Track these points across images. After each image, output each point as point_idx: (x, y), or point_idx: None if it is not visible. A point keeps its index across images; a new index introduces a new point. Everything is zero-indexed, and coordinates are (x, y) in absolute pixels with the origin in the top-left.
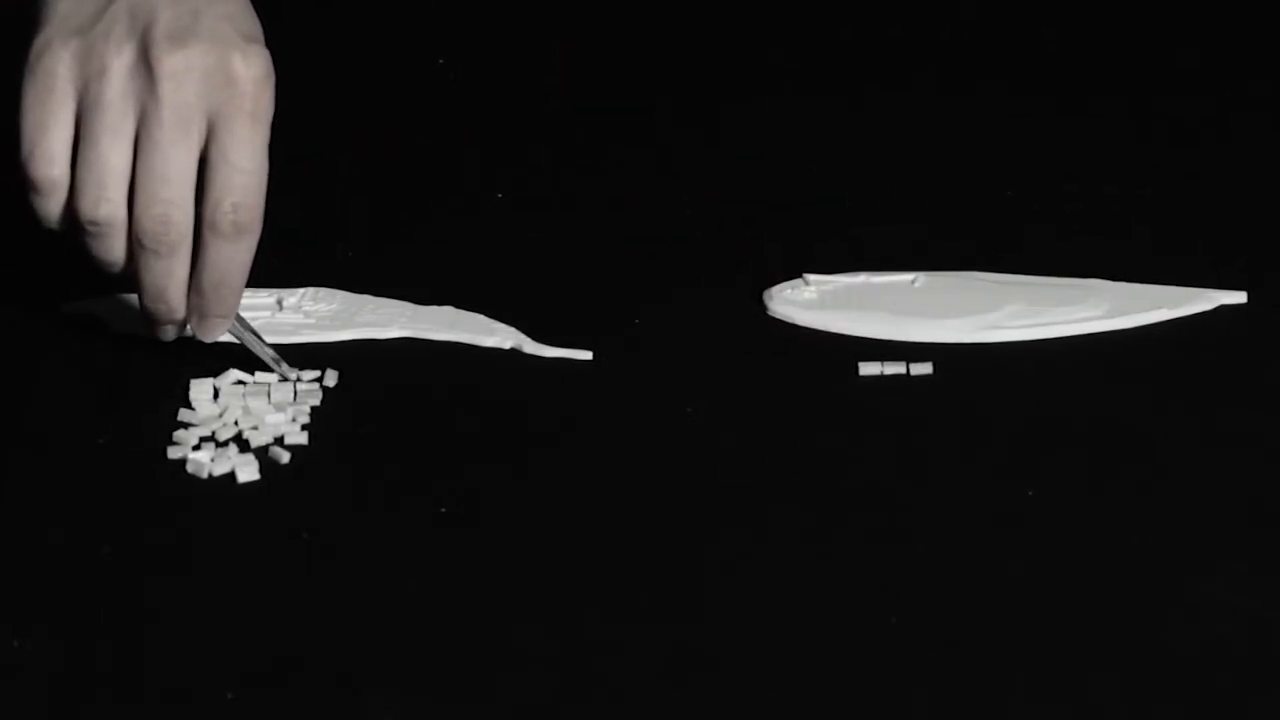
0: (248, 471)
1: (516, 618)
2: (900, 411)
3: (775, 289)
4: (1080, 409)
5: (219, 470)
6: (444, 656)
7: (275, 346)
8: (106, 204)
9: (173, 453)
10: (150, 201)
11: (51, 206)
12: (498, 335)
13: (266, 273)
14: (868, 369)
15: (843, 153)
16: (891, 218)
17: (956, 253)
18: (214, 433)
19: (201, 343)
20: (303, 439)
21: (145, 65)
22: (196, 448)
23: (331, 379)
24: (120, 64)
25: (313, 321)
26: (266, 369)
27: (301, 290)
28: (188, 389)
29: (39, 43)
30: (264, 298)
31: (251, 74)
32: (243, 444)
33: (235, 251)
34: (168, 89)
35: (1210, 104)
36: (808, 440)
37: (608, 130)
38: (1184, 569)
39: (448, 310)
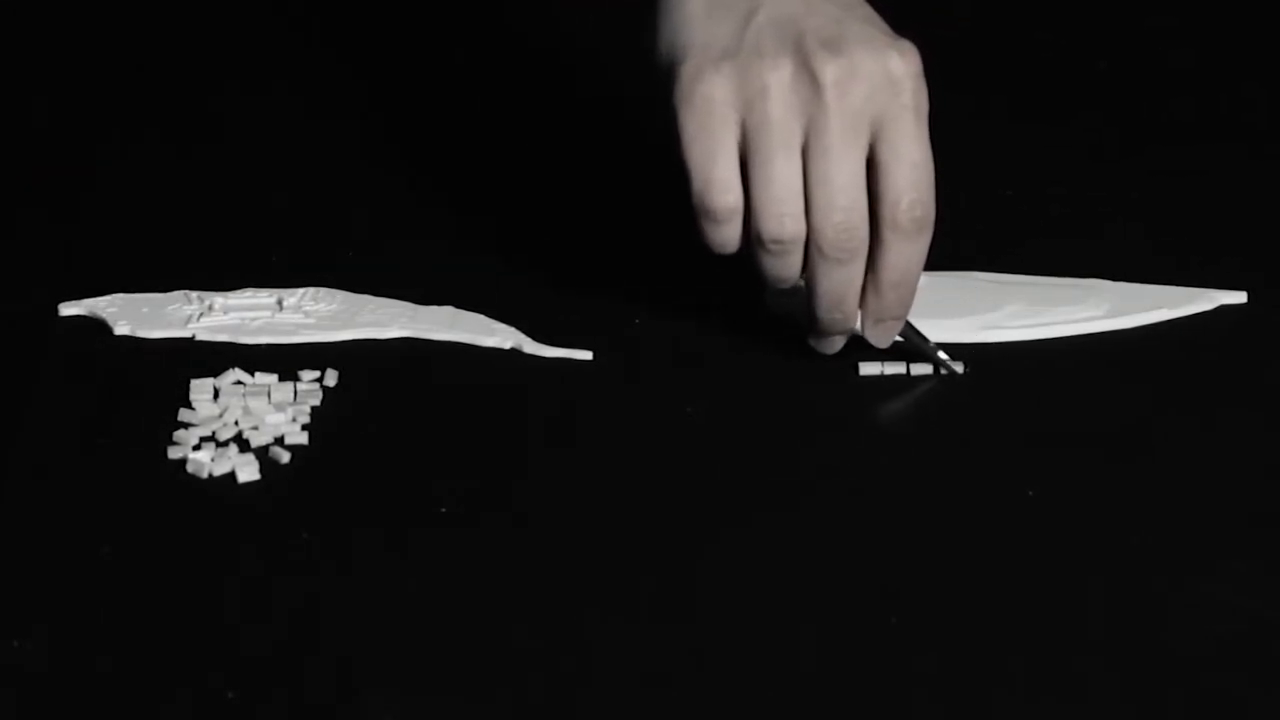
0: (248, 471)
1: (516, 618)
2: (900, 411)
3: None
4: (1080, 409)
5: (219, 470)
6: (444, 656)
7: (276, 346)
8: (790, 220)
9: (173, 453)
10: (830, 211)
11: (730, 233)
12: (498, 335)
13: (267, 273)
14: (868, 369)
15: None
16: None
17: (956, 253)
18: (214, 433)
19: (201, 342)
20: (303, 439)
21: (807, 76)
22: (196, 448)
23: (331, 379)
24: (780, 79)
25: (313, 321)
26: (286, 374)
27: (301, 290)
28: (188, 389)
29: (688, 72)
30: (264, 298)
31: (910, 70)
32: (243, 444)
33: (915, 249)
34: (833, 97)
35: (1210, 104)
36: (808, 440)
37: (608, 130)
38: (1184, 569)
39: (448, 310)
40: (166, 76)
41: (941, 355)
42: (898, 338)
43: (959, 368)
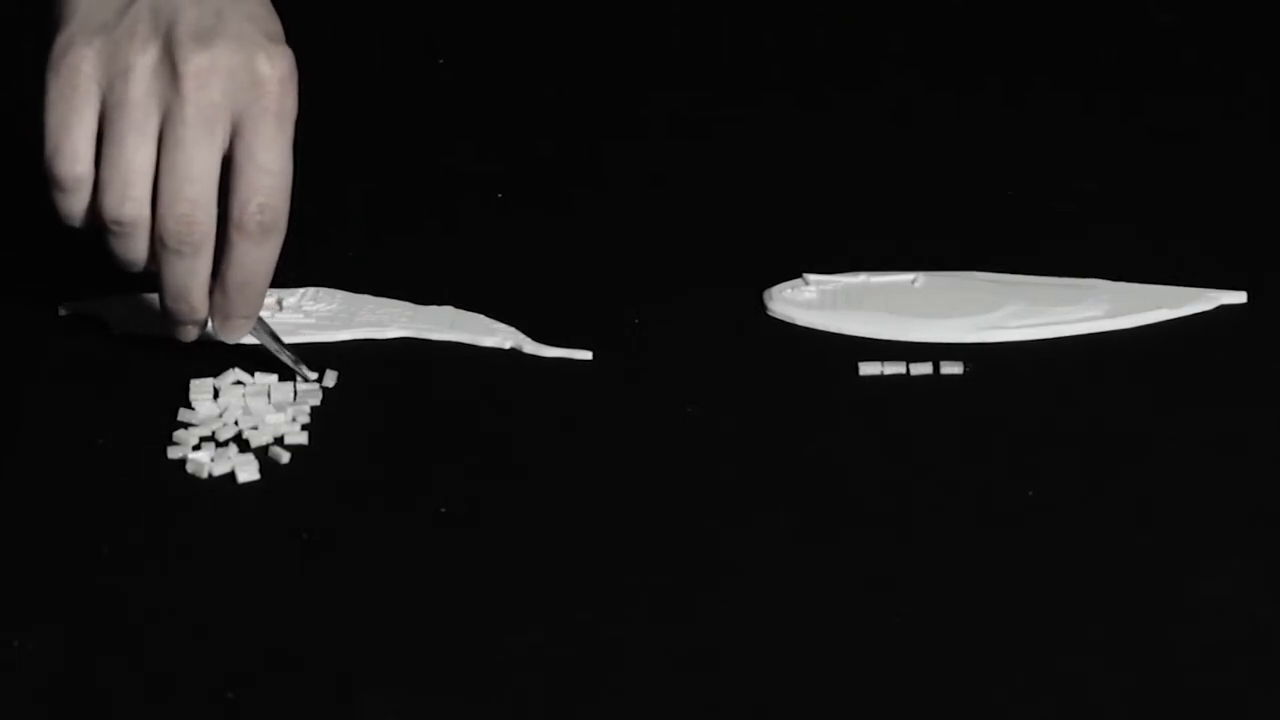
0: (248, 471)
1: (516, 618)
2: (900, 411)
3: (775, 289)
4: (1081, 409)
5: (219, 470)
6: (444, 656)
7: (290, 347)
8: (131, 203)
9: (173, 453)
10: (174, 201)
11: (75, 205)
12: (498, 335)
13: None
14: (868, 369)
15: (843, 152)
16: (892, 217)
17: (956, 253)
18: (214, 433)
19: (203, 343)
20: (303, 439)
21: (170, 64)
22: (196, 448)
23: (331, 379)
24: (145, 63)
25: (313, 321)
26: (286, 372)
27: (301, 290)
28: (188, 389)
29: (61, 41)
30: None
31: (277, 74)
32: (243, 444)
33: (261, 252)
34: (192, 88)
35: (1210, 103)
36: (808, 440)
37: (608, 130)
38: (1184, 569)
39: (448, 310)
40: None
41: (292, 356)
42: (252, 339)
43: (312, 376)
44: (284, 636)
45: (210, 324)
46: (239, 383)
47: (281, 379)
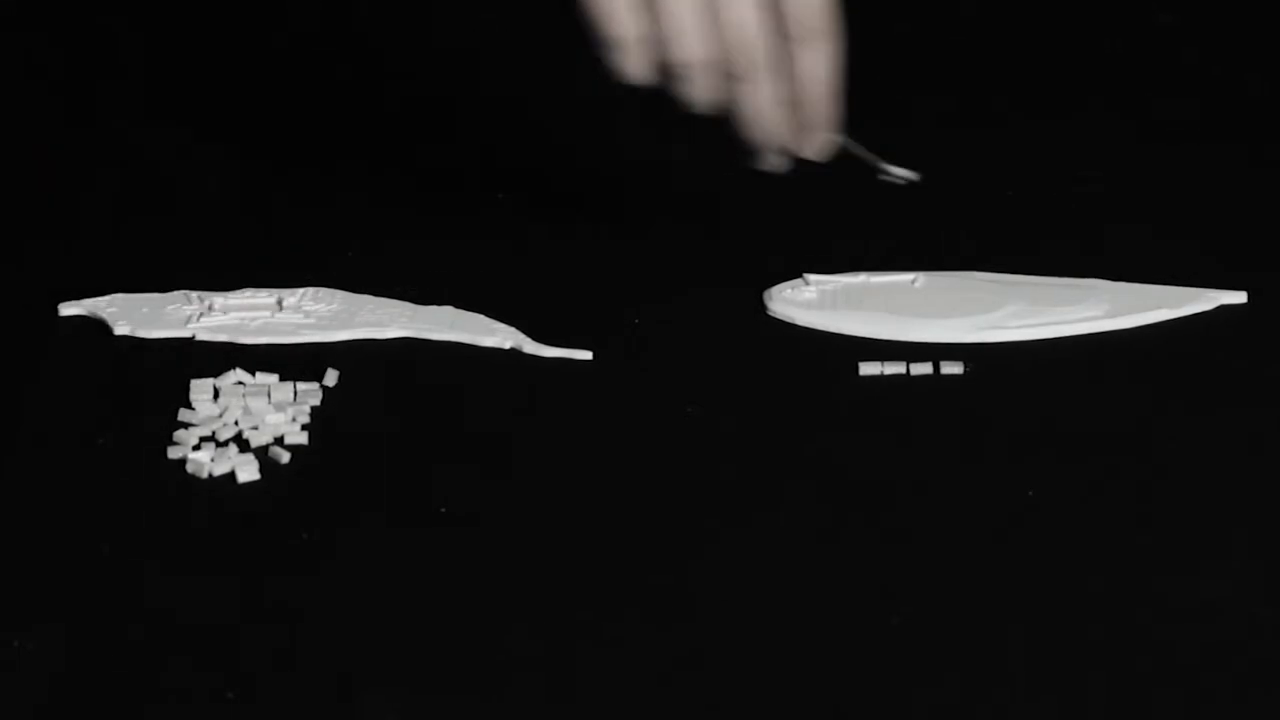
0: (248, 471)
1: (516, 618)
2: (900, 411)
3: (775, 289)
4: (1080, 409)
5: (219, 470)
6: (444, 656)
7: (276, 346)
8: (687, 45)
9: (173, 453)
10: (727, 29)
11: (634, 61)
12: (498, 335)
13: (267, 273)
14: (868, 369)
15: (843, 152)
16: (892, 217)
17: (956, 253)
18: (214, 433)
19: (201, 342)
20: (303, 439)
21: None
22: (196, 448)
23: (331, 379)
24: None
25: (313, 321)
26: (287, 372)
27: (301, 290)
28: (188, 389)
29: None
30: (264, 298)
31: None
32: (243, 444)
33: (820, 56)
34: None
35: (1210, 103)
36: (808, 440)
37: (608, 130)
38: (1184, 569)
39: (448, 310)
40: (167, 76)
41: (889, 167)
42: (844, 150)
43: (909, 175)
44: (284, 636)
45: (796, 143)
46: (239, 383)
47: (282, 378)
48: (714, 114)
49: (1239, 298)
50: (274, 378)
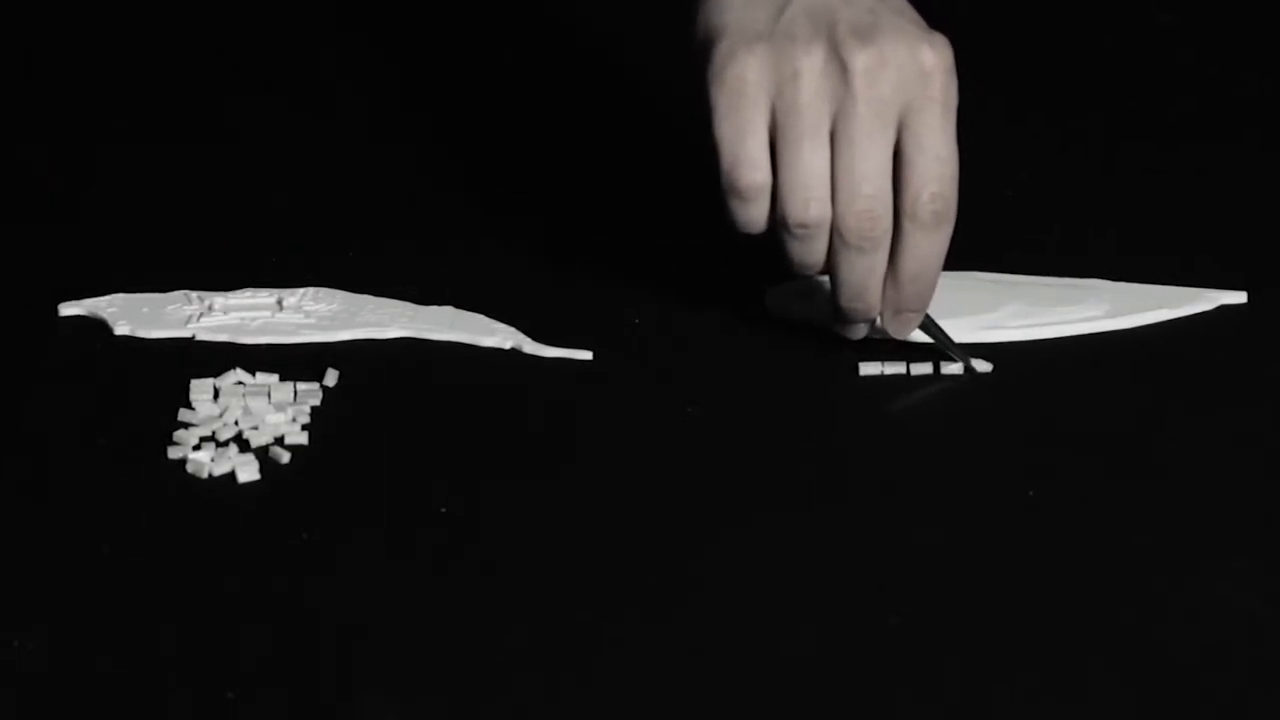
0: (248, 471)
1: (516, 618)
2: (900, 411)
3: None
4: (1080, 409)
5: (219, 470)
6: (444, 656)
7: (277, 346)
8: (816, 204)
9: (173, 453)
10: (853, 198)
11: (756, 212)
12: (498, 335)
13: (267, 273)
14: (868, 369)
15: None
16: None
17: (956, 253)
18: (214, 433)
19: (201, 342)
20: (303, 439)
21: (838, 63)
22: (196, 448)
23: (331, 379)
24: (812, 64)
25: (313, 321)
26: (294, 374)
27: (301, 290)
28: (188, 389)
29: (722, 51)
30: (264, 298)
31: (942, 63)
32: (243, 444)
33: (934, 242)
34: (862, 85)
35: (1209, 103)
36: (808, 440)
37: (608, 130)
38: (1184, 569)
39: (448, 310)
40: (167, 76)
41: (960, 354)
42: (919, 333)
43: (985, 366)
44: (284, 636)
45: (879, 320)
46: (239, 383)
47: (282, 379)
48: (814, 275)
49: (1239, 298)
50: (274, 378)
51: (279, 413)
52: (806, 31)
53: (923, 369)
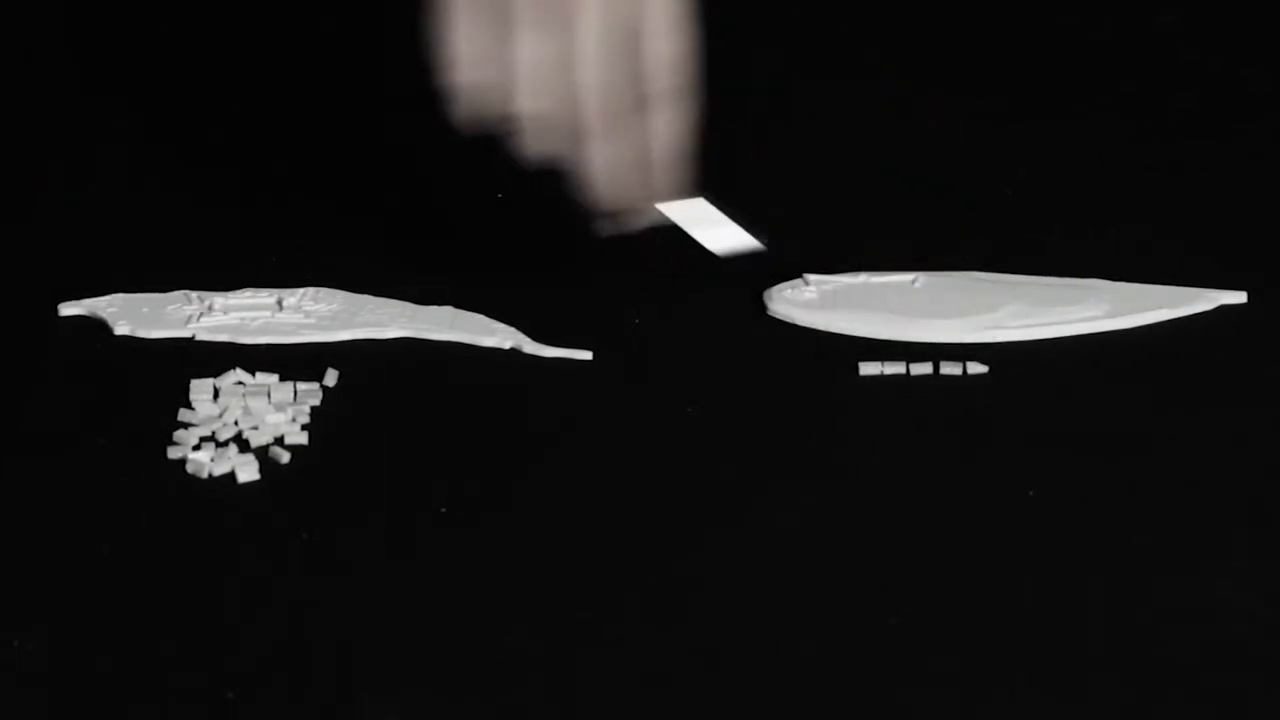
0: (248, 471)
1: (516, 618)
2: (900, 411)
3: (775, 289)
4: (1080, 409)
5: (219, 470)
6: (444, 656)
7: (275, 346)
8: (534, 96)
9: (173, 453)
10: (577, 86)
11: (475, 107)
12: (498, 335)
13: (267, 273)
14: (868, 369)
15: (843, 152)
16: (892, 217)
17: (956, 253)
18: (214, 433)
19: (201, 342)
20: (303, 439)
21: None
22: (196, 448)
23: (331, 379)
24: None
25: (313, 321)
26: (287, 371)
27: (301, 290)
28: (188, 389)
29: None
30: (264, 298)
31: None
32: (243, 444)
33: (668, 119)
34: None
35: (1210, 103)
36: (807, 440)
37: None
38: (1184, 569)
39: (448, 310)
40: (167, 76)
41: (737, 240)
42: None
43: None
44: (284, 636)
45: None
46: (239, 383)
47: (282, 379)
48: (548, 169)
49: (1239, 298)
50: (274, 378)
51: (279, 413)
52: None
53: (923, 369)
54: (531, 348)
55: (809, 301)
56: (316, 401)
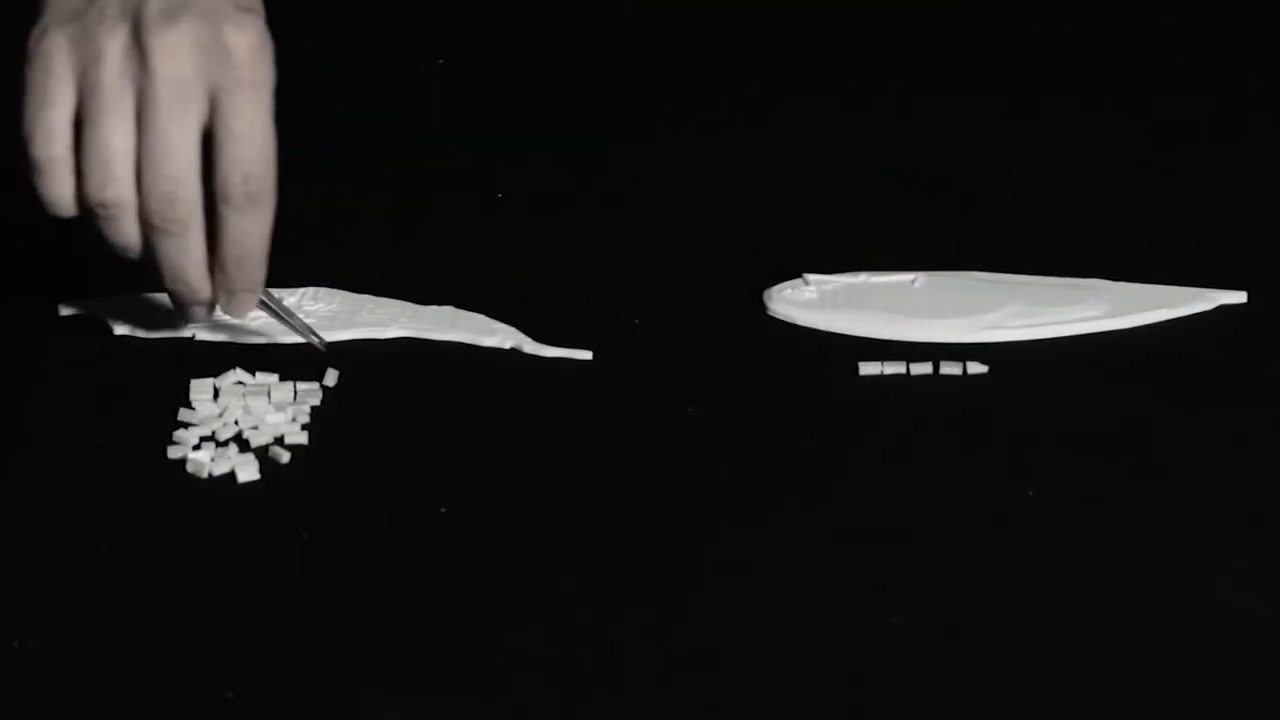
0: (248, 471)
1: (516, 618)
2: (900, 411)
3: (775, 289)
4: (1080, 409)
5: (219, 470)
6: (444, 656)
7: (276, 346)
8: (113, 185)
9: (173, 453)
10: (155, 180)
11: (55, 189)
12: (498, 335)
13: (266, 273)
14: (868, 369)
15: (843, 153)
16: (892, 217)
17: (956, 253)
18: (214, 433)
19: (201, 342)
20: (303, 439)
21: (138, 44)
22: (196, 448)
23: (331, 379)
24: (115, 45)
25: (313, 321)
26: (286, 370)
27: (301, 290)
28: (188, 389)
29: (36, 31)
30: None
31: (246, 43)
32: (243, 444)
33: (252, 223)
34: (161, 64)
35: (1209, 102)
36: (808, 440)
37: (608, 130)
38: (1184, 569)
39: (448, 310)
40: None
41: (305, 325)
42: (261, 312)
43: (322, 341)
44: (284, 636)
45: (218, 302)
46: (239, 383)
47: (282, 378)
48: (132, 261)
49: (1239, 298)
50: (274, 378)
51: (279, 413)
52: (116, 12)
53: (923, 369)
54: (531, 348)
55: (809, 301)
56: (316, 401)
